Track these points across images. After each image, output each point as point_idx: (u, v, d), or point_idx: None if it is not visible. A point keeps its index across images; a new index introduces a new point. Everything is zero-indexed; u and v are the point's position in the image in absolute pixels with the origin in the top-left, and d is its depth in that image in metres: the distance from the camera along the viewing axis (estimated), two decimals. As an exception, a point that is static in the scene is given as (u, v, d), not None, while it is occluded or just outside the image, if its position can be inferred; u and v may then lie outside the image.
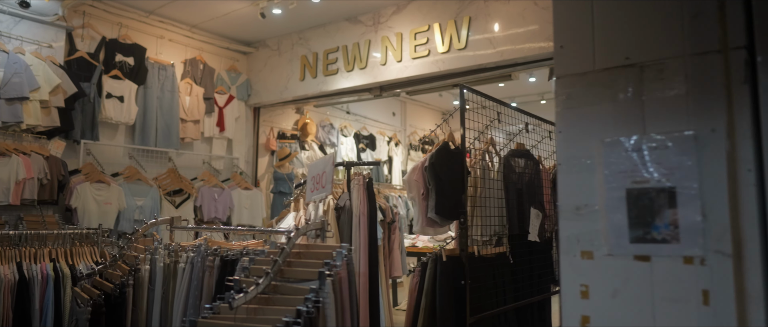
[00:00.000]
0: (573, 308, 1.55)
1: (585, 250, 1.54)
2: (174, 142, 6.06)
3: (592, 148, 1.55)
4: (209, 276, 2.00)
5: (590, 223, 1.53)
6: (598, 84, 1.56)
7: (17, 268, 2.87)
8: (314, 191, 2.00)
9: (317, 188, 1.98)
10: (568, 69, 1.62)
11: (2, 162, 4.55)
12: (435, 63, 5.32)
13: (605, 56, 1.55)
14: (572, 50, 1.62)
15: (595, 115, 1.55)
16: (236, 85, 6.86)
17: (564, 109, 1.61)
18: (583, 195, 1.55)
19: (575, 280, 1.55)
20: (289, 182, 7.00)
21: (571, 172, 1.58)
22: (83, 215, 4.97)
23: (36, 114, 4.80)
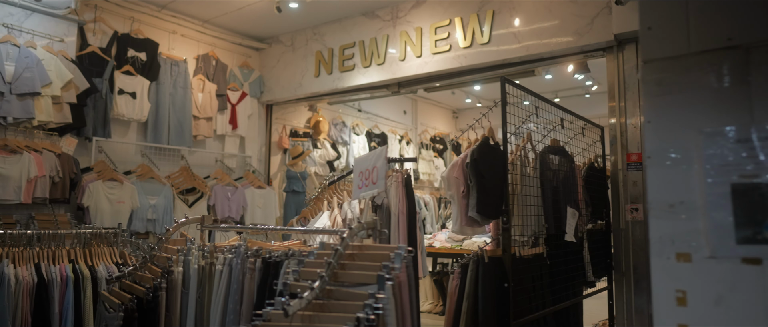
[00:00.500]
0: (667, 316, 1.40)
1: (681, 252, 1.39)
2: (186, 139, 5.92)
3: (688, 138, 1.40)
4: (250, 279, 1.86)
5: (687, 222, 1.38)
6: (694, 68, 1.41)
7: (35, 269, 2.72)
8: (363, 188, 1.85)
9: (366, 185, 1.84)
10: (657, 52, 1.47)
11: (13, 159, 4.41)
12: (456, 58, 5.18)
13: (703, 37, 1.40)
14: (662, 32, 1.47)
15: (691, 102, 1.40)
16: (249, 81, 6.72)
17: (653, 96, 1.46)
18: (677, 191, 1.40)
19: (670, 285, 1.40)
20: (302, 181, 6.86)
21: (663, 166, 1.44)
22: (96, 214, 4.83)
23: (48, 110, 4.66)
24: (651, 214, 1.45)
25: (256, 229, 2.33)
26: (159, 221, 5.29)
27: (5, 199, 4.34)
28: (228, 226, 2.57)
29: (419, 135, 9.90)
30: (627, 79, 4.39)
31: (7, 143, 4.45)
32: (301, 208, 6.87)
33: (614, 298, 4.29)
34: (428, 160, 9.85)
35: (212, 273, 2.02)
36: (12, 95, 4.45)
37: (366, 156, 1.91)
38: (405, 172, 2.65)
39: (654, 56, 1.48)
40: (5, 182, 4.34)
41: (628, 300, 4.23)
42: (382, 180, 1.78)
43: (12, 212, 4.53)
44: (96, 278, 2.86)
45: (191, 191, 5.78)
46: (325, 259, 1.60)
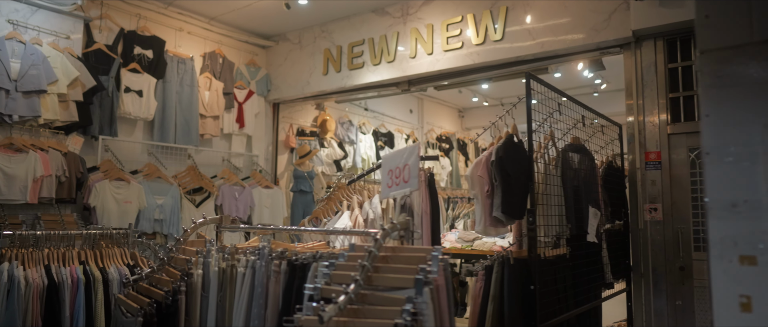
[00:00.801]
0: (730, 323, 1.31)
1: (746, 255, 1.31)
2: (193, 138, 5.83)
3: (752, 133, 1.31)
4: (275, 282, 1.77)
5: (752, 222, 1.29)
6: (759, 58, 1.32)
7: (45, 271, 2.64)
8: (393, 187, 1.76)
9: (396, 183, 1.75)
10: (716, 42, 1.38)
11: (19, 158, 4.32)
12: (469, 55, 5.09)
13: None
14: (722, 20, 1.38)
15: (755, 94, 1.31)
16: (256, 79, 6.63)
17: (712, 88, 1.37)
18: (741, 189, 1.32)
19: (732, 290, 1.31)
20: (309, 180, 6.77)
21: (723, 163, 1.35)
22: (102, 214, 4.75)
23: (54, 108, 4.58)
24: (711, 215, 1.36)
25: (280, 230, 2.24)
26: (166, 221, 5.20)
27: (11, 198, 4.26)
28: (248, 226, 2.48)
29: (426, 134, 9.81)
30: (645, 76, 4.31)
31: (13, 142, 4.36)
32: (309, 208, 6.79)
33: (633, 299, 4.20)
34: (434, 159, 9.76)
35: (233, 276, 1.93)
36: (18, 93, 4.36)
37: (395, 153, 1.82)
38: (428, 170, 2.56)
39: (713, 46, 1.39)
40: (11, 182, 4.25)
41: (647, 302, 4.14)
42: (414, 178, 1.69)
43: (18, 212, 4.44)
44: (107, 280, 2.77)
45: (198, 191, 5.69)
46: (359, 262, 1.52)
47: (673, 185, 4.13)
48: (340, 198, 4.32)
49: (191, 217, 5.46)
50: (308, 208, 6.75)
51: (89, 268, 2.79)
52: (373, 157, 8.30)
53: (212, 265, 1.96)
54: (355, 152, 7.97)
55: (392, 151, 1.84)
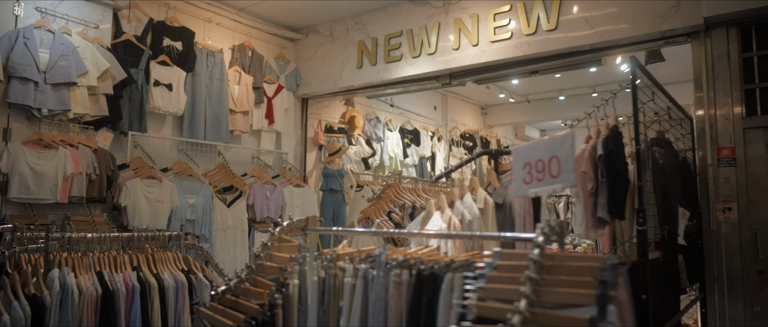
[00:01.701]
0: None
1: None
2: (223, 135, 5.56)
3: None
4: (396, 296, 1.50)
5: None
6: None
7: (98, 278, 2.37)
8: (532, 182, 1.49)
9: (538, 179, 1.48)
10: None
11: (48, 155, 4.06)
12: (519, 46, 4.81)
13: None
14: None
15: None
16: (285, 74, 6.36)
17: None
18: None
19: None
20: (339, 179, 6.50)
21: None
22: (133, 214, 4.47)
23: (83, 102, 4.31)
24: None
25: (381, 233, 1.96)
26: (198, 222, 4.93)
27: (40, 198, 3.99)
28: (344, 230, 2.21)
29: (450, 131, 9.54)
30: (715, 66, 4.03)
31: (42, 137, 4.10)
32: (339, 208, 6.53)
33: (707, 305, 3.92)
34: (459, 157, 9.50)
35: (337, 286, 1.66)
36: (46, 85, 4.10)
37: (534, 144, 1.55)
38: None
39: None
40: (40, 180, 3.99)
41: (722, 308, 3.87)
42: (569, 172, 1.42)
43: (46, 212, 4.18)
44: (163, 288, 2.50)
45: (229, 190, 5.42)
46: (527, 274, 1.24)
47: (750, 183, 3.85)
48: (392, 197, 4.05)
49: (222, 218, 5.20)
50: (338, 208, 6.48)
51: (143, 274, 2.53)
52: (400, 155, 8.03)
53: (311, 275, 1.69)
54: (382, 150, 7.71)
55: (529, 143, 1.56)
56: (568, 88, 9.22)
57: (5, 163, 3.89)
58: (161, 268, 2.64)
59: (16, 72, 3.94)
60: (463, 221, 2.14)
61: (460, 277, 1.43)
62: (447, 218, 2.15)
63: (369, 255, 1.62)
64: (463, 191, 2.32)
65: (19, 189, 3.91)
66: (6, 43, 3.93)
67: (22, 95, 3.97)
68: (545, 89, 9.36)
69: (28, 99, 3.99)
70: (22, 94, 3.97)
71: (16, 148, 3.95)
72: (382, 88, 5.98)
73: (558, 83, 8.94)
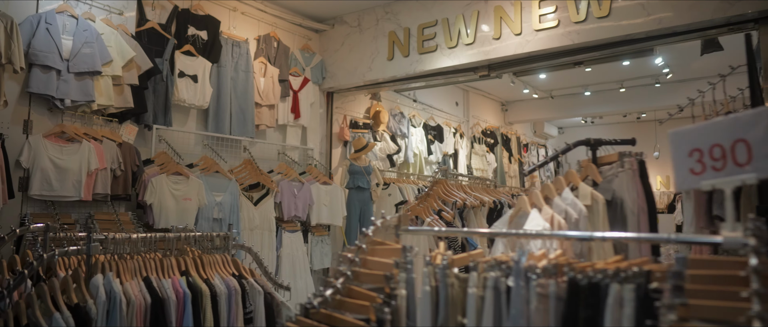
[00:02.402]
0: None
1: None
2: (249, 129, 5.28)
3: None
4: (542, 311, 1.23)
5: None
6: None
7: (145, 284, 2.09)
8: (705, 172, 1.22)
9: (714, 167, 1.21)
10: None
11: (71, 149, 3.78)
12: (566, 35, 4.53)
13: None
14: None
15: None
16: (310, 66, 6.08)
17: None
18: None
19: None
20: (366, 176, 6.21)
21: None
22: (159, 213, 4.20)
23: (108, 92, 4.04)
24: None
25: (509, 234, 1.67)
26: (225, 221, 4.65)
27: (64, 195, 3.72)
28: (454, 230, 1.93)
29: (471, 128, 9.25)
30: (788, 54, 3.74)
31: (65, 130, 3.82)
32: (366, 207, 6.24)
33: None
34: (481, 154, 9.22)
35: (454, 298, 1.38)
36: (69, 74, 3.82)
37: (705, 126, 1.27)
38: (637, 155, 2.01)
39: None
40: (63, 176, 3.71)
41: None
42: (764, 159, 1.14)
43: (69, 210, 3.91)
44: (215, 295, 2.23)
45: (255, 187, 5.15)
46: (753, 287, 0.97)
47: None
48: (441, 194, 3.77)
49: (249, 217, 4.92)
50: (365, 207, 6.21)
51: (192, 279, 2.25)
52: (424, 151, 7.76)
53: (421, 283, 1.42)
54: (406, 147, 7.43)
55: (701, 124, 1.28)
56: (594, 83, 8.94)
57: (26, 158, 3.62)
58: (210, 273, 2.36)
59: (37, 59, 3.67)
60: (569, 220, 1.87)
61: (631, 288, 1.15)
62: (549, 216, 1.88)
63: (499, 261, 1.34)
64: (560, 186, 2.04)
65: (40, 185, 3.64)
66: (27, 29, 3.66)
67: (44, 85, 3.70)
68: (570, 84, 9.08)
69: (51, 89, 3.72)
70: (44, 84, 3.70)
71: (38, 141, 3.68)
72: (415, 81, 5.70)
73: (584, 78, 8.65)
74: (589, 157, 2.17)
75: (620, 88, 8.79)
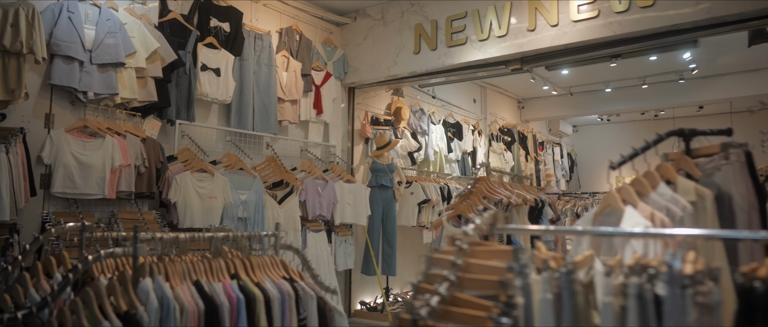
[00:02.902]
0: None
1: None
2: (272, 125, 5.09)
3: None
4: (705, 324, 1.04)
5: None
6: None
7: (197, 289, 1.90)
8: None
9: None
10: None
11: (95, 144, 3.59)
12: (607, 26, 4.34)
13: None
14: None
15: None
16: (332, 60, 5.89)
17: None
18: None
19: None
20: (389, 174, 6.03)
21: None
22: (184, 211, 4.01)
23: (131, 85, 3.85)
24: None
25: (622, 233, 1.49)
26: (250, 220, 4.47)
27: (87, 192, 3.53)
28: (550, 229, 1.74)
29: (489, 125, 9.06)
30: None
31: (88, 125, 3.63)
32: (389, 206, 6.05)
33: None
34: (499, 153, 9.02)
35: (580, 307, 1.20)
36: (92, 66, 3.63)
37: None
38: (744, 146, 1.82)
39: None
40: (86, 172, 3.52)
41: None
42: None
43: (92, 209, 3.72)
44: (269, 300, 2.04)
45: (278, 185, 4.96)
46: None
47: None
48: (484, 192, 3.58)
49: (273, 216, 4.73)
50: (388, 205, 6.02)
51: (244, 283, 2.06)
52: (444, 149, 7.56)
53: (538, 290, 1.23)
54: (426, 144, 7.23)
55: None
56: (616, 79, 8.73)
57: (48, 154, 3.43)
58: (260, 276, 2.17)
59: (60, 50, 3.48)
60: (673, 218, 1.68)
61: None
62: (648, 214, 1.69)
63: (642, 264, 1.15)
64: (654, 181, 1.85)
65: (63, 182, 3.45)
66: (49, 17, 3.47)
67: (67, 76, 3.51)
68: (590, 81, 8.87)
69: (73, 81, 3.53)
70: (67, 75, 3.51)
71: (60, 136, 3.49)
72: (442, 75, 5.51)
73: (605, 74, 8.45)
74: (681, 149, 1.97)
75: (642, 85, 8.59)
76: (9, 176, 3.02)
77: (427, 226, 6.52)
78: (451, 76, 5.52)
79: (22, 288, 1.95)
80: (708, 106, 9.66)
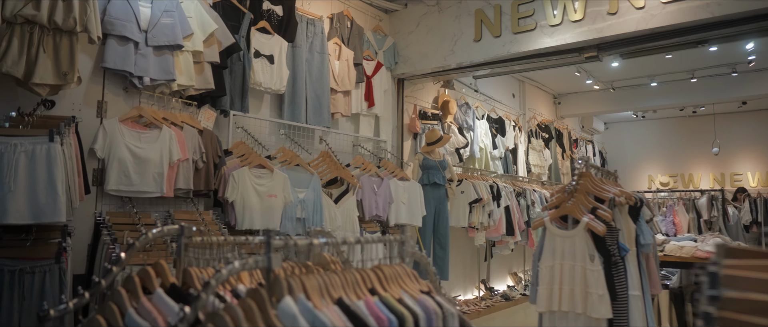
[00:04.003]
0: None
1: None
2: (325, 118, 4.70)
3: None
4: None
5: None
6: None
7: (341, 308, 1.51)
8: None
9: None
10: None
11: (151, 136, 3.20)
12: (705, 7, 3.94)
13: None
14: None
15: None
16: (383, 49, 5.50)
17: None
18: None
19: None
20: (441, 171, 5.62)
21: None
22: (243, 212, 3.63)
23: (188, 71, 3.46)
24: None
25: None
26: (309, 221, 4.08)
27: (144, 190, 3.14)
28: None
29: (528, 121, 8.67)
30: None
31: (143, 114, 3.24)
32: (442, 205, 5.65)
33: None
34: (538, 150, 8.63)
35: None
36: (148, 48, 3.24)
37: None
38: None
39: None
40: (143, 167, 3.13)
41: None
42: None
43: (147, 208, 3.33)
44: (417, 321, 1.65)
45: (333, 183, 4.57)
46: None
47: None
48: (589, 189, 3.19)
49: (331, 216, 4.34)
50: (441, 205, 5.62)
51: (386, 299, 1.67)
52: (489, 145, 7.17)
53: None
54: (472, 141, 6.84)
55: None
56: (664, 73, 8.33)
57: (101, 146, 3.04)
58: (396, 290, 1.78)
59: (114, 29, 3.09)
60: None
61: None
62: None
63: None
64: None
65: (118, 179, 3.06)
66: (102, -8, 3.08)
67: (122, 59, 3.12)
68: (636, 74, 8.47)
69: (128, 64, 3.14)
70: (122, 58, 3.12)
71: (114, 126, 3.10)
72: (507, 64, 5.11)
73: (653, 67, 8.05)
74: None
75: (691, 78, 8.19)
76: (64, 171, 2.63)
77: (476, 228, 6.13)
78: (514, 65, 5.12)
79: (117, 307, 1.56)
80: (751, 102, 9.27)
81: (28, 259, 2.61)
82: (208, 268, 1.92)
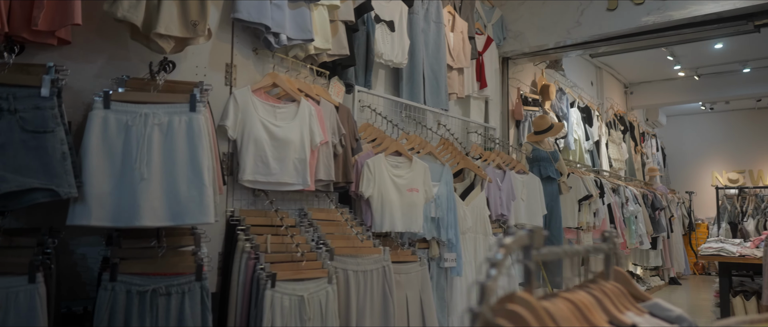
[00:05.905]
0: None
1: None
2: (442, 98, 3.96)
3: None
4: None
5: None
6: None
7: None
8: None
9: None
10: None
11: (288, 112, 2.47)
12: None
13: None
14: None
15: None
16: (492, 23, 4.75)
17: None
18: None
19: None
20: (554, 163, 4.88)
21: None
22: (381, 210, 2.89)
23: (324, 31, 2.73)
24: None
25: None
26: (443, 221, 3.33)
27: (284, 181, 2.40)
28: None
29: (607, 111, 7.92)
30: None
31: (278, 83, 2.50)
32: (555, 202, 4.90)
33: None
34: (617, 143, 7.88)
35: None
36: (282, 1, 2.50)
37: None
38: None
39: None
40: (282, 151, 2.40)
41: None
42: None
43: (284, 205, 2.59)
44: None
45: (456, 176, 3.82)
46: None
47: None
48: None
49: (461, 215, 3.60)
50: (554, 202, 4.86)
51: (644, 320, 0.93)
52: (582, 136, 6.43)
53: None
54: (567, 129, 6.10)
55: None
56: (758, 58, 7.57)
57: (232, 123, 2.30)
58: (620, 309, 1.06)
59: (248, -30, 2.35)
60: None
61: None
62: None
63: None
64: None
65: (255, 166, 2.32)
66: None
67: (257, 10, 2.38)
68: (728, 59, 7.70)
69: (265, 16, 2.39)
70: (257, 9, 2.38)
71: (247, 98, 2.36)
72: (652, 37, 4.36)
73: (749, 51, 7.30)
74: None
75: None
76: (210, 153, 1.90)
77: (582, 229, 5.40)
78: (660, 38, 4.37)
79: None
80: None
81: (162, 275, 1.87)
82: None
